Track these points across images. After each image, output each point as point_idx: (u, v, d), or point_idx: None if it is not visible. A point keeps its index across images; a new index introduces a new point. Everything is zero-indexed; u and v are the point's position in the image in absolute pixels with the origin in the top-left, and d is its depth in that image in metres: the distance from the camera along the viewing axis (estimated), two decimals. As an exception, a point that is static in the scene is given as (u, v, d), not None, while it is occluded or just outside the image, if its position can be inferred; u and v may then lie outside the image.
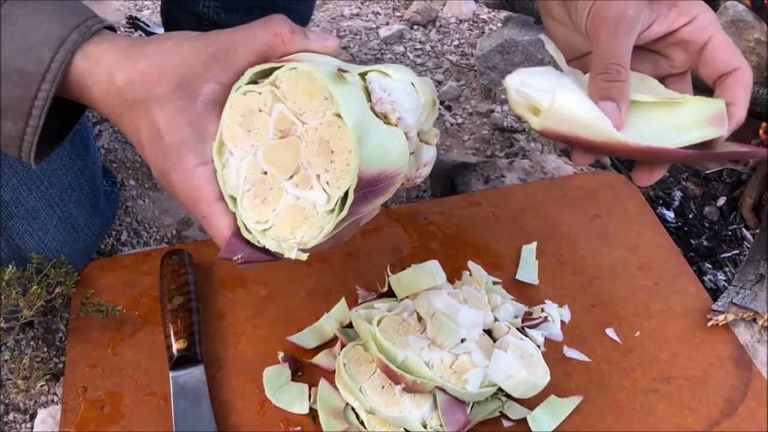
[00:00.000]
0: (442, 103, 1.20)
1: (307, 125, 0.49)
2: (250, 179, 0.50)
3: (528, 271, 0.80)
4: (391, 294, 0.73)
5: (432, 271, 0.70)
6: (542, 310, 0.74)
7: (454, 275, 0.77)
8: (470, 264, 0.77)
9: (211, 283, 0.79)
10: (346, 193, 0.48)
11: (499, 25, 1.31)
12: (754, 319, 0.75)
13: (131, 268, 0.82)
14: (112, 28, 0.54)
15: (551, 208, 0.87)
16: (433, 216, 0.86)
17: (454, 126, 1.16)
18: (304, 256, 0.50)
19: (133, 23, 1.23)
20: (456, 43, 1.33)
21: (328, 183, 0.49)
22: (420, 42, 1.33)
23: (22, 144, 0.53)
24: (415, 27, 1.36)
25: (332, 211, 0.49)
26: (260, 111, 0.50)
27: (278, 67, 0.50)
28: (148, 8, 1.35)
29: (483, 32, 1.34)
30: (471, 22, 1.36)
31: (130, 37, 0.54)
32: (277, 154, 0.50)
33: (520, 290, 0.78)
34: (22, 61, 0.51)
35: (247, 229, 0.51)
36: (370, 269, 0.80)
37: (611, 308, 0.77)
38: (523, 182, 0.94)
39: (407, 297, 0.71)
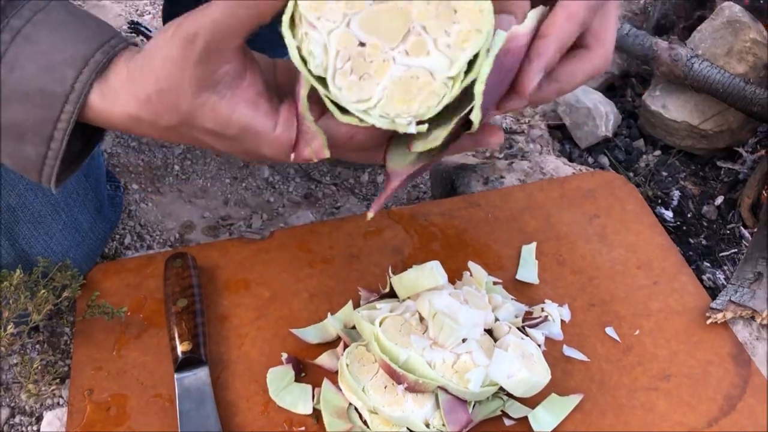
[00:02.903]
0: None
1: None
2: (344, 54, 0.44)
3: (528, 271, 0.80)
4: (392, 295, 0.74)
5: (433, 271, 0.70)
6: (542, 310, 0.75)
7: (454, 276, 0.78)
8: (471, 264, 0.78)
9: (215, 286, 0.80)
10: (475, 56, 0.44)
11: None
12: (753, 317, 0.76)
13: (135, 271, 0.82)
14: (134, 44, 0.54)
15: (550, 209, 0.88)
16: (433, 217, 0.87)
17: (454, 128, 1.17)
18: (424, 128, 0.45)
19: (135, 28, 1.24)
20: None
21: (449, 46, 0.44)
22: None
23: (43, 168, 0.52)
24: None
25: (455, 77, 0.44)
26: None
27: None
28: (149, 13, 1.36)
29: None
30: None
31: (141, 52, 0.52)
32: (380, 21, 0.43)
33: (520, 290, 0.78)
34: (44, 81, 0.50)
35: (344, 111, 0.46)
36: (371, 270, 0.81)
37: (611, 307, 0.77)
38: (523, 183, 0.95)
39: (409, 297, 0.71)
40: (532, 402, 0.68)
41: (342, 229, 0.85)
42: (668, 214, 1.00)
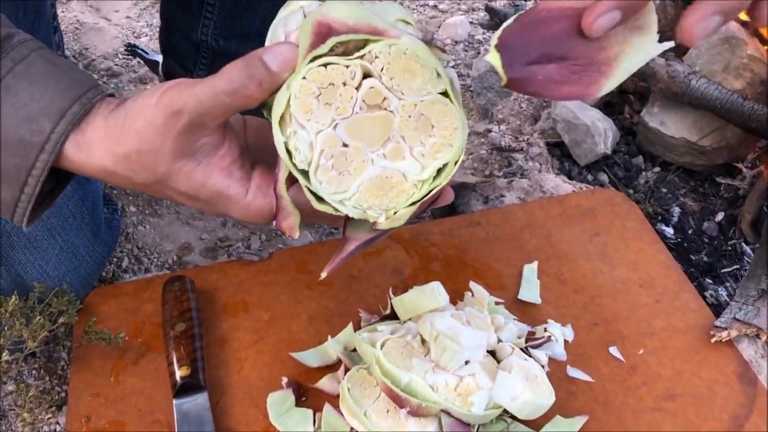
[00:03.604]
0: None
1: (404, 101, 0.48)
2: (327, 152, 0.49)
3: (530, 290, 0.80)
4: (393, 316, 0.73)
5: (434, 292, 0.70)
6: (545, 330, 0.74)
7: (456, 296, 0.77)
8: (472, 284, 0.77)
9: (214, 309, 0.79)
10: (445, 165, 0.49)
11: (495, 45, 1.32)
12: (758, 335, 0.76)
13: (133, 295, 0.82)
14: (111, 95, 0.55)
15: (551, 227, 0.87)
16: (433, 237, 0.87)
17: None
18: (396, 223, 0.50)
19: (132, 51, 1.24)
20: (452, 64, 1.34)
21: (423, 155, 0.49)
22: (416, 64, 1.34)
23: (16, 210, 0.54)
24: (411, 49, 1.37)
25: (424, 181, 0.50)
26: (344, 84, 0.48)
27: (372, 40, 0.48)
28: (146, 35, 1.36)
29: (478, 53, 1.35)
30: (466, 43, 1.38)
31: (120, 107, 0.53)
32: (363, 128, 0.48)
33: (522, 310, 0.78)
34: (22, 131, 0.51)
35: (321, 200, 0.50)
36: (372, 291, 0.80)
37: (614, 326, 0.77)
38: (523, 201, 0.94)
39: (410, 319, 0.71)
40: (536, 424, 0.67)
41: (341, 250, 0.84)
42: (669, 231, 1.00)
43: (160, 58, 1.13)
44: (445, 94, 0.49)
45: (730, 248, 0.97)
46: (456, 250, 0.85)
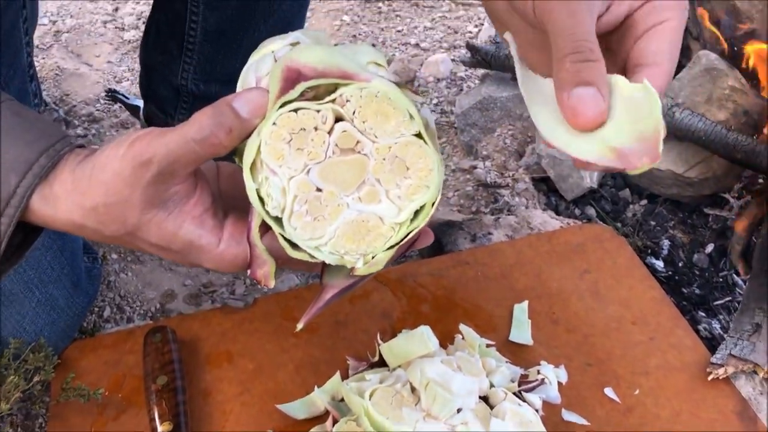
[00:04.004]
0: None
1: (378, 143, 0.48)
2: (301, 198, 0.48)
3: (521, 331, 0.78)
4: (382, 363, 0.71)
5: (423, 337, 0.68)
6: (538, 372, 0.73)
7: (446, 339, 0.75)
8: (462, 327, 0.75)
9: (197, 359, 0.77)
10: (422, 206, 0.48)
11: (477, 82, 1.32)
12: (755, 371, 0.74)
13: (113, 347, 0.79)
14: (81, 146, 0.53)
15: (540, 265, 0.86)
16: (421, 278, 0.85)
17: (438, 184, 1.15)
18: (375, 268, 0.49)
19: (113, 96, 1.23)
20: (435, 101, 1.33)
21: (399, 197, 0.48)
22: (400, 101, 1.33)
23: None
24: (395, 87, 1.37)
25: (402, 223, 0.49)
26: (316, 129, 0.47)
27: (342, 84, 0.47)
28: (128, 79, 1.35)
29: (461, 90, 1.35)
30: (449, 81, 1.38)
31: (88, 159, 0.52)
32: (337, 172, 0.48)
33: (514, 352, 0.76)
34: None
35: (295, 247, 0.49)
36: (359, 337, 0.78)
37: (608, 366, 0.75)
38: (511, 239, 0.93)
39: (399, 366, 0.69)
40: (532, 472, 0.65)
41: (328, 295, 0.82)
42: (659, 264, 0.99)
43: (141, 103, 1.13)
44: (419, 135, 0.48)
45: (721, 280, 0.96)
46: (445, 291, 0.83)
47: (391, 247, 0.49)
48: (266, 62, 0.52)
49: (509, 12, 0.54)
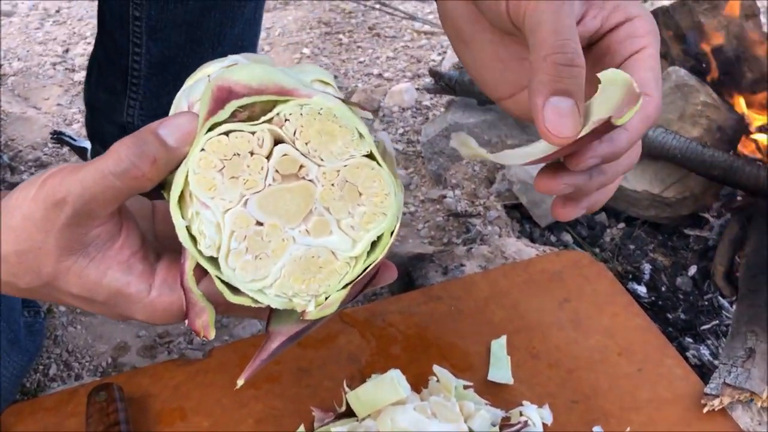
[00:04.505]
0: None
1: (324, 167, 0.42)
2: (239, 234, 0.42)
3: (500, 369, 0.72)
4: (350, 413, 0.64)
5: (393, 382, 0.62)
6: (521, 414, 0.67)
7: (419, 382, 0.69)
8: (436, 369, 0.69)
9: (146, 419, 0.70)
10: (380, 237, 0.43)
11: (442, 110, 1.29)
12: (751, 399, 0.69)
13: (54, 410, 0.72)
14: None
15: (517, 296, 0.81)
16: (391, 316, 0.79)
17: (407, 215, 1.11)
18: (329, 310, 0.43)
19: (59, 139, 1.17)
20: (401, 131, 1.29)
21: (352, 227, 0.43)
22: (364, 133, 1.30)
23: None
24: (358, 118, 1.33)
25: (357, 257, 0.43)
26: (252, 154, 0.41)
27: (281, 101, 0.42)
28: (78, 121, 1.29)
29: (427, 118, 1.31)
30: (414, 110, 1.34)
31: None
32: (279, 202, 0.42)
33: (493, 392, 0.70)
34: None
35: (236, 291, 0.43)
36: (325, 385, 0.71)
37: (595, 403, 0.69)
38: (485, 269, 0.88)
39: (369, 415, 0.62)
40: None
41: (290, 340, 0.76)
42: (642, 290, 0.94)
43: (89, 145, 1.07)
44: (371, 156, 0.43)
45: (707, 303, 0.92)
46: (417, 329, 0.78)
47: (347, 285, 0.43)
48: (200, 86, 0.46)
49: (471, 21, 0.49)
